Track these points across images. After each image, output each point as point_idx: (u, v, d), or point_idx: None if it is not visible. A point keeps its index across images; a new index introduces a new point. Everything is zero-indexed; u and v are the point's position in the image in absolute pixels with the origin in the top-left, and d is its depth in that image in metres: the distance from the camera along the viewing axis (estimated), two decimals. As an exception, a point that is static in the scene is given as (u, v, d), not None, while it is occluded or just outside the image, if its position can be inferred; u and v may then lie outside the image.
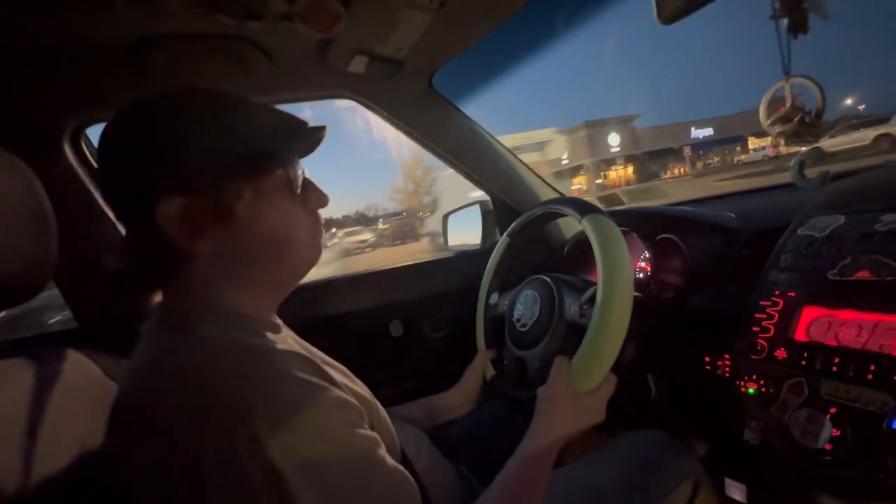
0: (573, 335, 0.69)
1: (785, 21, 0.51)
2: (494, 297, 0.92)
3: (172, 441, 0.38)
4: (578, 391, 0.62)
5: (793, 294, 0.62)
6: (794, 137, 0.54)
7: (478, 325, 0.92)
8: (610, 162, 34.63)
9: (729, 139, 35.33)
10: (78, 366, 0.64)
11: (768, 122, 0.56)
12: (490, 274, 0.94)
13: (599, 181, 33.84)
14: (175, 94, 0.48)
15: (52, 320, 3.29)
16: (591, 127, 33.12)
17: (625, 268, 0.62)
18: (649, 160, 35.46)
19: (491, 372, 0.84)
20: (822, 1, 0.47)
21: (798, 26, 0.49)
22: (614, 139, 33.25)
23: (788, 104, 0.53)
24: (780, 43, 0.50)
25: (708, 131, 35.07)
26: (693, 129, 34.44)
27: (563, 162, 34.34)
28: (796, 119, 0.53)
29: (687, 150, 34.01)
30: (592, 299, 0.64)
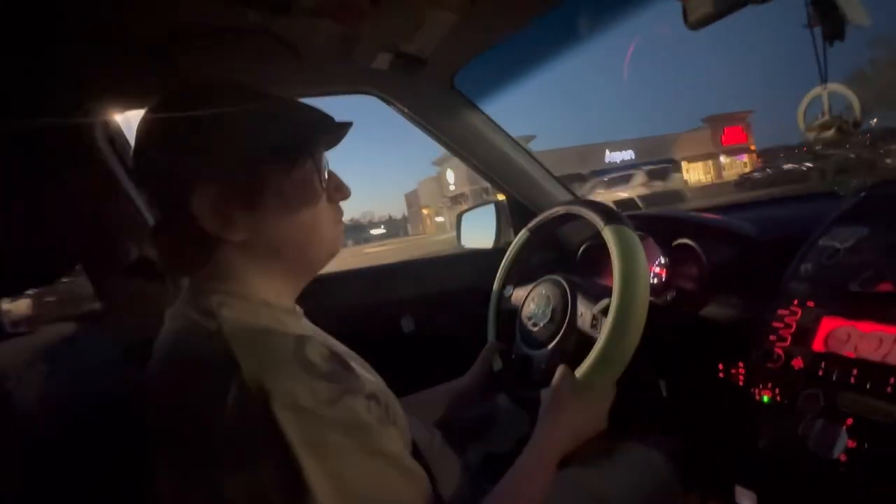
0: (581, 344, 0.69)
1: (820, 29, 0.51)
2: (509, 290, 0.92)
3: (191, 421, 0.39)
4: (580, 402, 0.63)
5: (812, 304, 0.61)
6: (832, 146, 0.54)
7: (490, 315, 0.93)
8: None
9: (656, 163, 28.51)
10: (103, 348, 0.66)
11: (808, 127, 0.55)
12: (507, 266, 0.94)
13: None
14: (211, 85, 0.50)
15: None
16: None
17: (642, 286, 0.61)
18: None
19: (499, 364, 0.85)
20: (861, 8, 0.46)
21: (834, 33, 0.49)
22: None
23: (826, 112, 0.53)
24: (816, 51, 0.50)
25: (627, 154, 29.18)
26: (608, 151, 28.51)
27: (451, 188, 30.26)
28: (835, 128, 0.52)
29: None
30: (605, 311, 0.64)
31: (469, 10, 0.71)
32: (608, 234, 0.66)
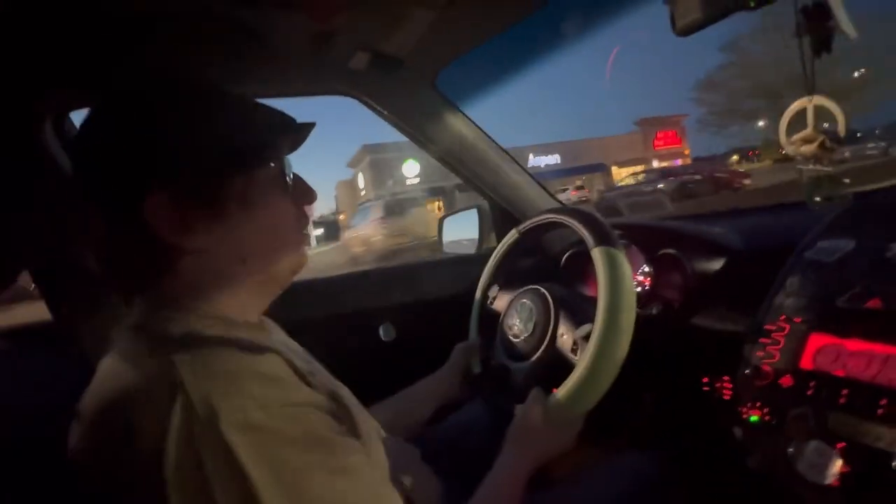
0: (559, 365, 0.67)
1: (808, 39, 0.49)
2: (494, 290, 0.90)
3: (133, 449, 0.36)
4: (549, 425, 0.62)
5: (799, 320, 0.60)
6: (812, 160, 0.53)
7: (473, 315, 0.91)
8: (406, 196, 23.34)
9: (585, 168, 27.27)
10: (51, 363, 0.61)
11: (788, 140, 0.54)
12: (493, 266, 0.92)
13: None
14: (163, 84, 0.46)
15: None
16: (373, 153, 24.36)
17: (626, 317, 0.59)
18: (464, 193, 23.09)
19: (478, 367, 0.83)
20: (847, 19, 0.45)
21: (822, 45, 0.47)
22: (411, 168, 24.62)
23: (810, 126, 0.51)
24: (804, 62, 0.48)
25: (553, 158, 26.94)
26: (532, 155, 25.94)
27: (362, 193, 26.39)
28: (817, 143, 0.51)
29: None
30: (587, 337, 0.62)
31: (448, 8, 0.68)
32: (597, 256, 0.64)
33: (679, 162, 30.28)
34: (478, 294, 0.92)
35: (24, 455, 0.45)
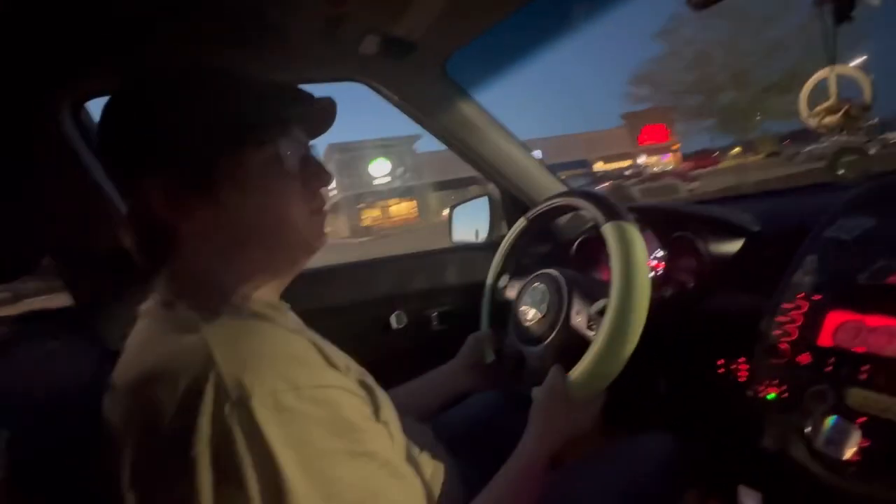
0: (576, 344, 0.67)
1: (830, 8, 0.48)
2: (504, 280, 0.90)
3: (164, 425, 0.36)
4: (571, 403, 0.62)
5: (818, 297, 0.59)
6: (836, 131, 0.51)
7: (483, 305, 0.91)
8: (377, 196, 25.16)
9: (566, 165, 25.91)
10: (72, 346, 0.62)
11: (811, 113, 0.52)
12: (502, 255, 0.92)
13: (365, 222, 24.69)
14: (171, 71, 0.47)
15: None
16: (343, 151, 23.88)
17: (641, 289, 0.59)
18: (440, 193, 24.95)
19: (491, 356, 0.83)
20: None
21: (844, 13, 0.46)
22: (381, 167, 24.43)
23: (833, 96, 0.50)
24: (826, 30, 0.47)
25: (535, 154, 26.79)
26: None
27: (332, 195, 25.34)
28: (842, 111, 0.49)
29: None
30: (602, 312, 0.62)
31: None
32: (609, 232, 0.63)
33: (668, 157, 29.36)
34: (488, 283, 0.91)
35: (47, 438, 0.47)
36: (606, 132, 30.05)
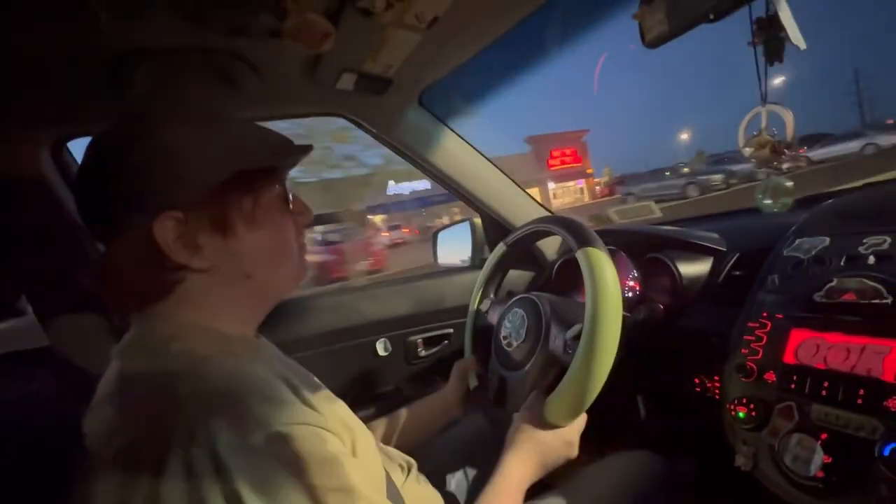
0: (554, 368, 0.68)
1: (762, 49, 0.52)
2: (486, 304, 0.91)
3: (138, 467, 0.36)
4: (550, 428, 0.63)
5: (780, 316, 0.61)
6: (765, 164, 0.56)
7: (467, 331, 0.92)
8: None
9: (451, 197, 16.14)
10: (47, 387, 0.62)
11: (743, 146, 0.57)
12: (483, 280, 0.93)
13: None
14: (171, 108, 0.48)
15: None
16: None
17: (614, 313, 0.61)
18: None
19: (474, 382, 0.84)
20: (797, 32, 0.47)
21: (774, 54, 0.50)
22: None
23: (763, 130, 0.54)
24: (758, 70, 0.51)
25: (422, 184, 21.03)
26: (393, 182, 21.18)
27: None
28: (768, 146, 0.54)
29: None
30: (577, 337, 0.63)
31: (432, 31, 0.71)
32: (581, 258, 0.66)
33: (582, 182, 27.43)
34: (471, 309, 0.93)
35: (24, 476, 0.46)
36: (513, 157, 26.03)
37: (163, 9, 0.59)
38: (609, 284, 0.62)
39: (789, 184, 0.57)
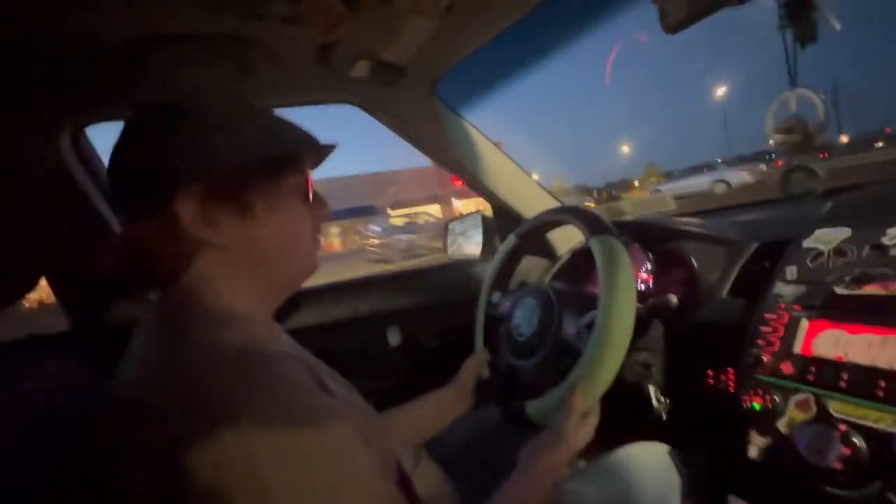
0: (567, 355, 0.68)
1: (791, 31, 0.51)
2: (497, 296, 0.91)
3: (158, 447, 0.37)
4: (566, 423, 0.61)
5: (798, 307, 0.60)
6: (796, 150, 0.54)
7: (478, 322, 0.91)
8: None
9: (348, 212, 21.31)
10: (69, 370, 0.63)
11: (774, 131, 0.55)
12: (494, 272, 0.93)
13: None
14: (200, 94, 0.50)
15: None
16: None
17: (627, 300, 0.60)
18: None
19: (486, 373, 0.83)
20: (828, 9, 0.46)
21: (806, 36, 0.49)
22: None
23: (791, 117, 0.53)
24: (787, 53, 0.50)
25: None
26: None
27: None
28: (800, 132, 0.52)
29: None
30: (591, 324, 0.63)
31: (447, 17, 0.70)
32: (595, 246, 0.65)
33: None
34: (481, 301, 0.92)
35: (45, 461, 0.47)
36: (420, 170, 24.07)
37: None
38: (623, 272, 0.61)
39: (820, 170, 0.55)
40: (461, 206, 22.89)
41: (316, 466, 0.38)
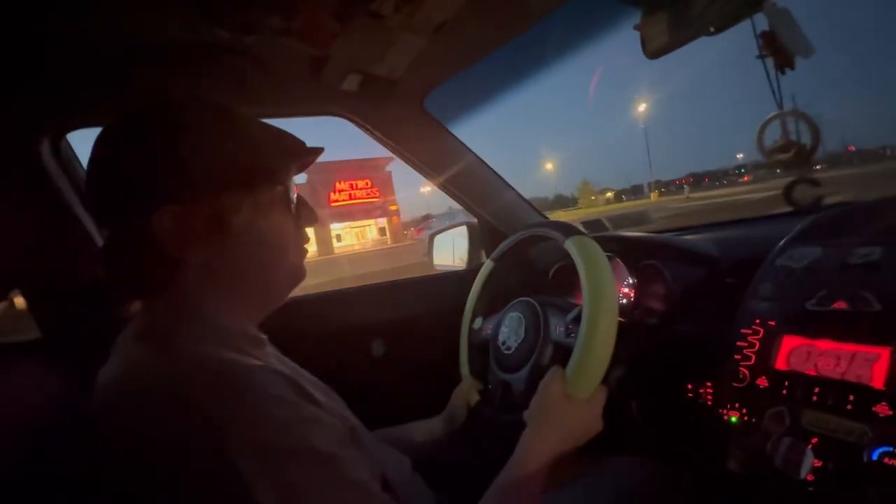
0: (559, 355, 0.69)
1: (771, 59, 0.54)
2: (479, 322, 0.91)
3: (147, 460, 0.37)
4: (572, 403, 0.61)
5: (773, 323, 0.63)
6: (789, 167, 0.58)
7: (461, 351, 0.91)
8: None
9: None
10: (38, 379, 0.61)
11: (766, 150, 0.59)
12: (474, 298, 0.93)
13: None
14: (178, 103, 0.48)
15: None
16: None
17: (608, 284, 0.63)
18: None
19: (475, 398, 0.83)
20: (802, 39, 0.49)
21: (784, 63, 0.52)
22: None
23: (783, 136, 0.57)
24: (770, 80, 0.53)
25: None
26: None
27: None
28: (792, 151, 0.56)
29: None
30: (578, 319, 0.65)
31: (438, 35, 0.72)
32: (570, 246, 0.68)
33: (383, 221, 21.53)
34: (463, 329, 0.91)
35: (18, 469, 0.46)
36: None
37: (173, 4, 0.60)
38: (600, 260, 0.65)
39: (818, 185, 0.59)
40: (340, 228, 21.14)
41: (302, 474, 0.38)
